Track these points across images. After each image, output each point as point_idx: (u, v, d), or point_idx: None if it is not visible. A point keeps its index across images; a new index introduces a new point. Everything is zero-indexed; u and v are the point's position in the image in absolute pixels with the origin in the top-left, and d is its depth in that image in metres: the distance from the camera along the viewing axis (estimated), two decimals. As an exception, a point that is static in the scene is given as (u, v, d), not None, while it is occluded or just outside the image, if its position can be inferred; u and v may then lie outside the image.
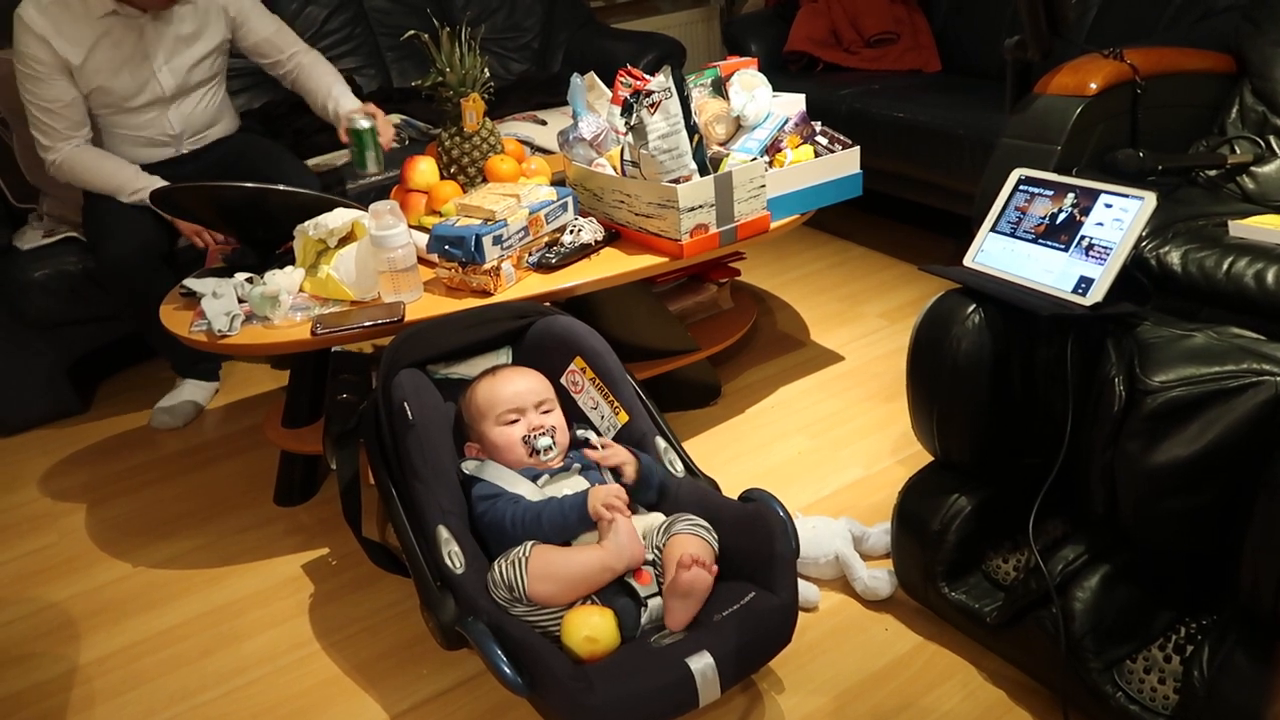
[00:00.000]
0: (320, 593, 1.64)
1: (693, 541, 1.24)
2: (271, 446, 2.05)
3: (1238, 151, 1.68)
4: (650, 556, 1.27)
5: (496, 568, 1.23)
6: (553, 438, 1.41)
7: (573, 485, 1.37)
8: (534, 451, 1.39)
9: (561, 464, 1.41)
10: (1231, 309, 1.34)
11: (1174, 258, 1.41)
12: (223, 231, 1.99)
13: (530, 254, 1.74)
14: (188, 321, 1.64)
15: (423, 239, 1.73)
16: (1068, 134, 1.58)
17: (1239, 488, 1.03)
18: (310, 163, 2.49)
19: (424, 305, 1.63)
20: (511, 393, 1.43)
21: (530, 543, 1.23)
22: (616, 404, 1.48)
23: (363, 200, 1.98)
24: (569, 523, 1.28)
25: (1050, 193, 1.30)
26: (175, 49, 2.14)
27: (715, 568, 1.21)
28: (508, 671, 1.11)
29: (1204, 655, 1.05)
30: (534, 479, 1.37)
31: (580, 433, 1.47)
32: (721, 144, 1.95)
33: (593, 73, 2.11)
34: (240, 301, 1.63)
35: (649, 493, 1.40)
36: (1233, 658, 1.03)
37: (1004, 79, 1.81)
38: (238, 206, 1.78)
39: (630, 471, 1.38)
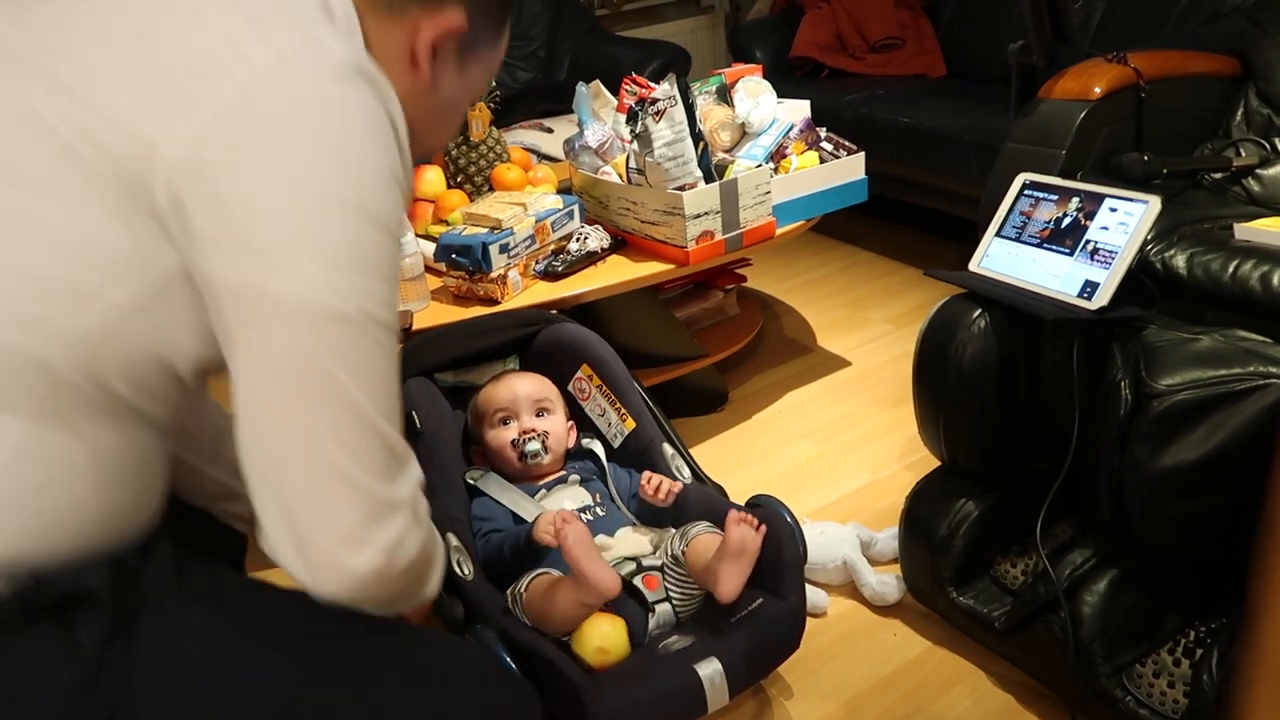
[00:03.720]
0: (330, 600, 1.64)
1: (716, 539, 1.24)
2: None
3: (1243, 154, 1.67)
4: (659, 563, 1.27)
5: (507, 598, 1.24)
6: (543, 443, 1.39)
7: (571, 496, 1.38)
8: (521, 456, 1.38)
9: (558, 475, 1.41)
10: (1237, 312, 1.33)
11: (1179, 261, 1.41)
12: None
13: (537, 262, 1.75)
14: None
15: (430, 248, 1.74)
16: (1072, 138, 1.58)
17: (1247, 490, 1.03)
18: None
19: (431, 314, 1.64)
20: (507, 395, 1.42)
21: (525, 582, 1.22)
22: (624, 411, 1.48)
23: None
24: (525, 555, 1.25)
25: (1055, 197, 1.30)
26: None
27: (764, 528, 1.18)
28: (516, 678, 1.11)
29: (1213, 659, 1.05)
30: (532, 494, 1.38)
31: (586, 443, 1.48)
32: (727, 151, 1.96)
33: (598, 81, 2.12)
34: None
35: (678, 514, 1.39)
36: (1242, 661, 1.02)
37: (1009, 83, 1.81)
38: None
39: (677, 488, 1.34)
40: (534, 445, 1.38)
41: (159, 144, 0.64)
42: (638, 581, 1.24)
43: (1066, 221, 1.27)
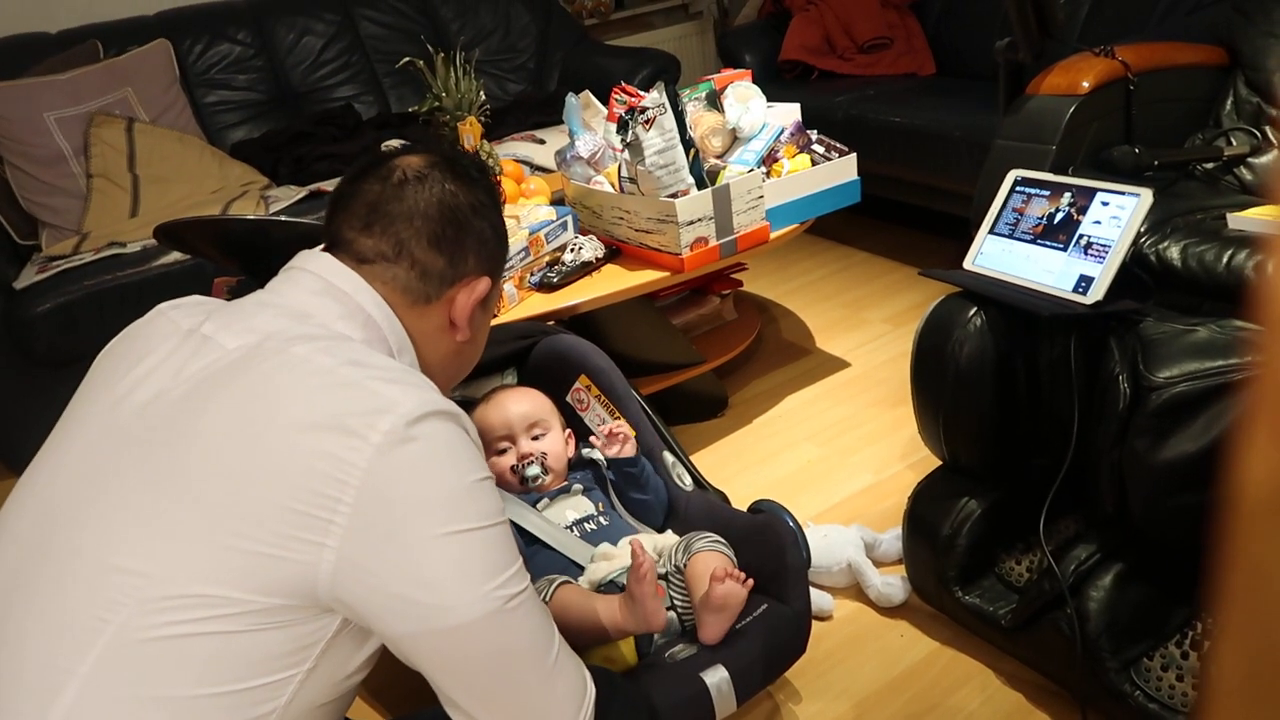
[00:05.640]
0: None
1: (716, 557, 1.24)
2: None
3: (1234, 143, 1.67)
4: (663, 571, 1.27)
5: None
6: (542, 465, 1.38)
7: (574, 506, 1.37)
8: (522, 480, 1.38)
9: (560, 485, 1.41)
10: (1233, 302, 1.33)
11: (1173, 252, 1.41)
12: (225, 264, 2.00)
13: (532, 274, 1.75)
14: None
15: (425, 263, 1.74)
16: (1062, 133, 1.58)
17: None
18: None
19: (428, 329, 1.64)
20: (500, 420, 1.41)
21: (555, 585, 1.21)
22: (623, 420, 1.48)
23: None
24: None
25: (1047, 193, 1.31)
26: None
27: (750, 581, 1.18)
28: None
29: (1221, 651, 1.05)
30: (534, 504, 1.37)
31: (586, 452, 1.47)
32: (718, 157, 1.96)
33: (588, 91, 2.12)
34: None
35: (649, 500, 1.40)
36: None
37: (998, 79, 1.81)
38: (240, 238, 1.79)
39: (630, 449, 1.40)
40: (533, 470, 1.37)
41: (315, 564, 0.73)
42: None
43: (1059, 217, 1.27)
